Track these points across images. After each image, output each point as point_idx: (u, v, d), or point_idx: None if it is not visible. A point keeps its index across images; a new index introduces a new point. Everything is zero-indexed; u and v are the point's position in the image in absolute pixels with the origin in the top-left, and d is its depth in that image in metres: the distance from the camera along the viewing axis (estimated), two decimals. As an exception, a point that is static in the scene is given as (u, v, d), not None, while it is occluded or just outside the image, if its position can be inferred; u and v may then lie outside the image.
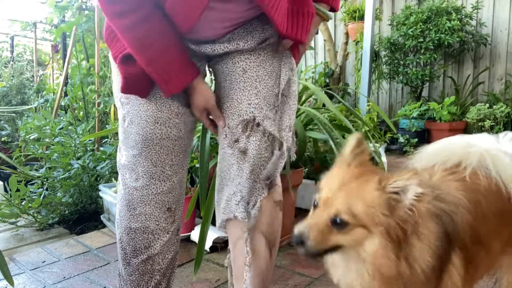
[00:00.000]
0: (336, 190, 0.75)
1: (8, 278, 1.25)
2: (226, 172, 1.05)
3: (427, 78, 4.68)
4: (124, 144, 1.03)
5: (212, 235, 1.86)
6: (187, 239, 2.01)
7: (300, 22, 1.00)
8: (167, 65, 0.92)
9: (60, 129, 2.64)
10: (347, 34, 4.92)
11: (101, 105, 2.77)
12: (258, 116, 1.01)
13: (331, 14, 1.11)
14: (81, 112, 3.14)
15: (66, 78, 3.21)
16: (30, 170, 2.69)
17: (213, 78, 1.11)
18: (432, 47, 4.41)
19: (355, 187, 0.74)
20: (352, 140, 0.82)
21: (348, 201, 0.73)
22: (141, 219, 1.02)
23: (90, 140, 2.70)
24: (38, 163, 2.90)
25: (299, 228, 0.75)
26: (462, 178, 0.89)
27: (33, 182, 2.56)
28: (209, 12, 0.91)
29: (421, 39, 4.43)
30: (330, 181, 0.78)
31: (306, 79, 4.83)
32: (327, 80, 5.14)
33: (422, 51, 4.48)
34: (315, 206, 0.78)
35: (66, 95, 3.21)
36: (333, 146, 1.82)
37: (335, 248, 0.75)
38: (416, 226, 0.72)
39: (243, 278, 1.04)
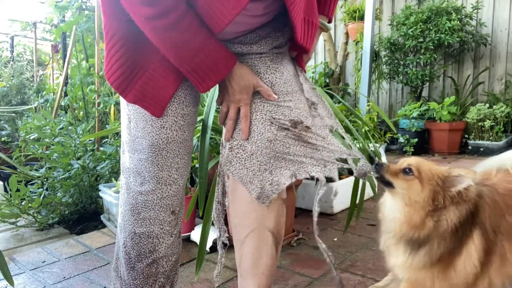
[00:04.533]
0: (412, 160, 1.09)
1: (8, 278, 1.25)
2: (284, 150, 1.04)
3: (427, 78, 4.68)
4: (129, 146, 1.00)
5: (212, 235, 1.86)
6: (187, 239, 2.01)
7: (309, 32, 1.02)
8: (210, 53, 0.90)
9: (60, 129, 2.63)
10: (347, 34, 4.92)
11: (101, 105, 2.77)
12: (305, 121, 1.04)
13: (330, 25, 1.14)
14: (81, 112, 3.14)
15: (66, 78, 3.21)
16: (30, 170, 2.69)
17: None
18: (432, 47, 4.41)
19: (429, 164, 1.07)
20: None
21: (420, 163, 1.06)
22: (145, 224, 1.01)
23: (90, 140, 2.70)
24: (38, 163, 2.90)
25: (381, 162, 1.10)
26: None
27: (33, 182, 2.56)
28: None
29: (421, 39, 4.43)
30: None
31: (306, 79, 4.83)
32: (327, 80, 5.15)
33: (422, 51, 4.48)
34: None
35: (66, 95, 3.21)
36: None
37: (391, 185, 1.07)
38: (454, 200, 1.01)
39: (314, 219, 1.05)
